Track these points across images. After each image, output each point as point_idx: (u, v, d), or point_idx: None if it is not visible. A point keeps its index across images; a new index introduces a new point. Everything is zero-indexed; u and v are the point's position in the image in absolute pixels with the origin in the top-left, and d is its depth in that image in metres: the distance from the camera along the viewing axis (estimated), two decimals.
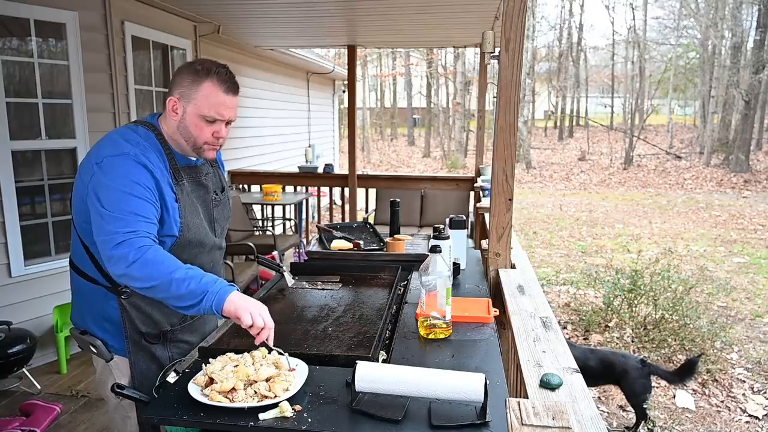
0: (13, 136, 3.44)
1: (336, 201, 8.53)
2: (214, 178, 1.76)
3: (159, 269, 1.38)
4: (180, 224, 1.57)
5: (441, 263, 1.59)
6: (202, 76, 1.52)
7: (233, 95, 1.56)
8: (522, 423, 1.01)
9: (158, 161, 1.55)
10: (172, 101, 1.55)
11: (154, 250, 1.41)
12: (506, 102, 2.09)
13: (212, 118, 1.54)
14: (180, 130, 1.57)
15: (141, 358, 1.64)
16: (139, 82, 4.34)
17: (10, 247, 3.47)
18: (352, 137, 6.28)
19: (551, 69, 25.71)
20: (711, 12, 18.94)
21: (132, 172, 1.47)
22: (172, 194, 1.56)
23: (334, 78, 10.86)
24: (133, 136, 1.55)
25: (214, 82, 1.52)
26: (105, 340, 1.63)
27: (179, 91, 1.54)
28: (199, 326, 1.80)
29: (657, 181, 15.66)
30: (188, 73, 1.54)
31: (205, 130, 1.55)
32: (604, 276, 5.15)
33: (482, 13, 4.43)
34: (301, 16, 4.79)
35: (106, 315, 1.61)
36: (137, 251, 1.38)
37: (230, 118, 1.58)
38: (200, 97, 1.52)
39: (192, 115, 1.54)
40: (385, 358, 1.47)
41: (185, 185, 1.61)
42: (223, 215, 1.78)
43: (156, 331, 1.65)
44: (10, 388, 3.34)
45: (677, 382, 3.28)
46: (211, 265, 1.73)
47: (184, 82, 1.54)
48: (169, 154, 1.60)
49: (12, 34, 3.53)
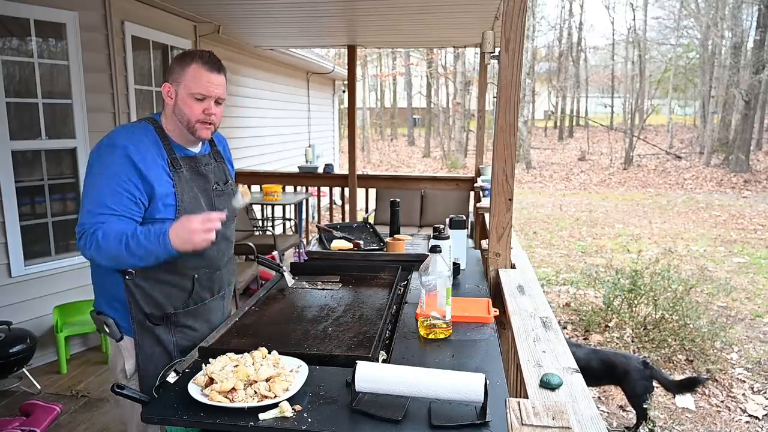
0: (13, 136, 3.44)
1: (336, 201, 8.53)
2: (217, 171, 1.86)
3: (110, 246, 1.55)
4: (177, 209, 1.67)
5: (441, 263, 1.59)
6: (188, 60, 1.68)
7: (218, 73, 1.70)
8: (522, 423, 1.01)
9: (152, 152, 1.66)
10: (166, 87, 1.71)
11: (104, 230, 1.56)
12: (506, 102, 2.09)
13: (201, 96, 1.67)
14: (176, 113, 1.70)
15: (146, 340, 1.71)
16: (139, 82, 4.33)
17: (10, 247, 3.47)
18: (352, 137, 6.28)
19: (551, 69, 25.72)
20: (711, 12, 18.94)
21: (115, 164, 1.60)
22: (169, 180, 1.67)
23: (334, 78, 10.86)
24: (132, 129, 1.70)
25: (199, 64, 1.67)
26: (116, 320, 1.73)
27: (171, 78, 1.70)
28: (204, 313, 1.83)
29: (657, 181, 15.66)
30: (177, 60, 1.71)
31: (195, 108, 1.67)
32: (604, 276, 5.15)
33: (482, 13, 4.43)
34: (301, 16, 4.79)
35: (116, 295, 1.70)
36: (91, 238, 1.57)
37: (219, 95, 1.71)
38: (188, 78, 1.67)
39: (183, 95, 1.67)
40: (385, 358, 1.47)
41: (184, 173, 1.72)
42: (227, 206, 1.84)
43: (159, 313, 1.71)
44: (10, 388, 3.34)
45: (675, 392, 3.27)
46: (215, 254, 1.80)
47: (174, 69, 1.70)
48: (167, 145, 1.71)
49: (12, 34, 3.53)
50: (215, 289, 1.86)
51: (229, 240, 1.91)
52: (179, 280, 1.72)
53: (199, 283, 1.77)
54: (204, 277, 1.79)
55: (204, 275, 1.78)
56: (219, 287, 1.88)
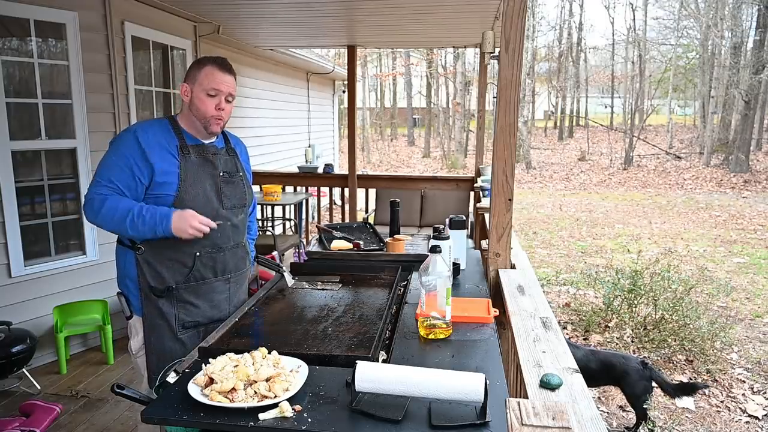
0: (13, 137, 3.44)
1: (336, 201, 8.53)
2: (228, 162, 2.05)
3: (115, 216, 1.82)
4: (178, 186, 1.88)
5: (441, 263, 1.59)
6: (203, 63, 1.94)
7: (229, 74, 1.95)
8: (522, 423, 1.01)
9: (161, 138, 1.90)
10: (184, 87, 1.96)
11: (109, 203, 1.82)
12: (506, 102, 2.09)
13: (214, 91, 1.91)
14: (192, 110, 1.94)
15: (151, 313, 1.93)
16: (139, 83, 4.33)
17: (10, 247, 3.47)
18: (352, 137, 6.28)
19: (551, 69, 25.71)
20: (711, 12, 18.94)
21: (122, 144, 1.87)
22: (174, 161, 1.89)
23: (334, 78, 10.86)
24: (149, 121, 1.99)
25: (213, 65, 1.93)
26: (127, 297, 1.97)
27: (188, 78, 1.95)
28: (206, 292, 1.99)
29: (657, 181, 15.66)
30: (194, 64, 1.97)
31: (208, 104, 1.91)
32: (604, 276, 5.15)
33: (482, 13, 4.43)
34: (301, 16, 4.79)
35: (129, 273, 1.94)
36: (97, 203, 1.84)
37: (229, 92, 1.95)
38: (202, 77, 1.91)
39: (198, 92, 1.91)
40: (385, 358, 1.47)
41: (191, 157, 1.93)
42: (235, 193, 2.03)
43: (162, 287, 1.92)
44: (10, 388, 3.34)
45: (672, 395, 3.27)
46: (218, 235, 1.95)
47: (191, 72, 1.95)
48: (180, 134, 1.95)
49: (12, 34, 3.53)
50: (218, 270, 2.00)
51: (237, 227, 2.05)
52: (181, 256, 1.91)
53: (200, 260, 1.94)
54: (205, 256, 1.95)
55: (205, 254, 1.95)
56: (223, 269, 2.02)
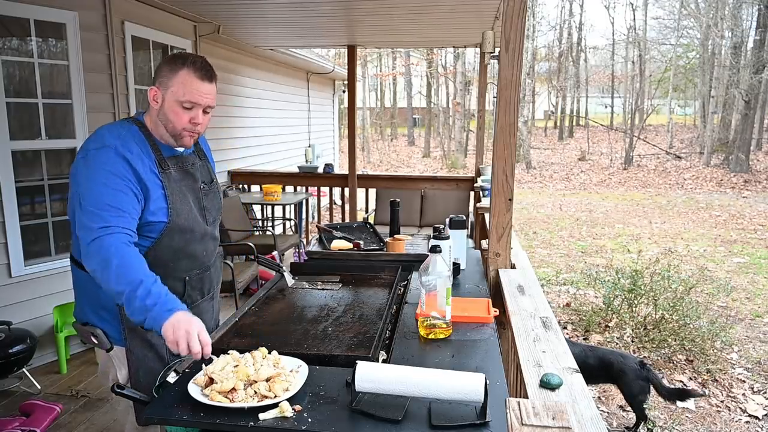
0: (13, 136, 3.44)
1: (336, 201, 8.53)
2: (203, 170, 1.82)
3: (121, 280, 1.42)
4: (168, 210, 1.62)
5: (441, 263, 1.59)
6: (179, 64, 1.58)
7: (209, 82, 1.61)
8: (522, 423, 1.01)
9: (140, 152, 1.60)
10: (153, 91, 1.62)
11: (120, 259, 1.44)
12: (506, 102, 2.09)
13: (189, 104, 1.59)
14: (160, 118, 1.62)
15: (137, 345, 1.66)
16: (139, 82, 4.33)
17: (10, 247, 3.47)
18: (352, 137, 6.28)
19: (551, 69, 25.71)
20: (711, 12, 18.94)
21: (111, 163, 1.53)
22: (158, 182, 1.61)
23: (334, 78, 10.86)
24: (118, 130, 1.62)
25: (190, 70, 1.58)
26: (104, 330, 1.66)
27: (159, 81, 1.61)
28: (195, 315, 1.73)
29: (657, 181, 15.66)
30: (166, 63, 1.62)
31: (182, 116, 1.60)
32: (604, 276, 5.15)
33: (482, 13, 4.43)
34: (301, 16, 4.79)
35: (104, 304, 1.65)
36: (107, 250, 1.44)
37: (207, 105, 1.63)
38: (177, 84, 1.58)
39: (170, 102, 1.59)
40: (385, 358, 1.47)
41: (172, 174, 1.66)
42: (214, 205, 1.83)
43: None
44: (10, 388, 3.34)
45: (667, 398, 3.27)
46: (204, 254, 1.78)
47: (163, 72, 1.60)
48: (154, 145, 1.65)
49: (12, 34, 3.53)
50: (205, 290, 1.85)
51: (216, 239, 1.89)
52: (171, 282, 1.60)
53: (190, 284, 1.76)
54: (195, 278, 1.78)
55: (195, 276, 1.77)
56: (209, 287, 1.87)
